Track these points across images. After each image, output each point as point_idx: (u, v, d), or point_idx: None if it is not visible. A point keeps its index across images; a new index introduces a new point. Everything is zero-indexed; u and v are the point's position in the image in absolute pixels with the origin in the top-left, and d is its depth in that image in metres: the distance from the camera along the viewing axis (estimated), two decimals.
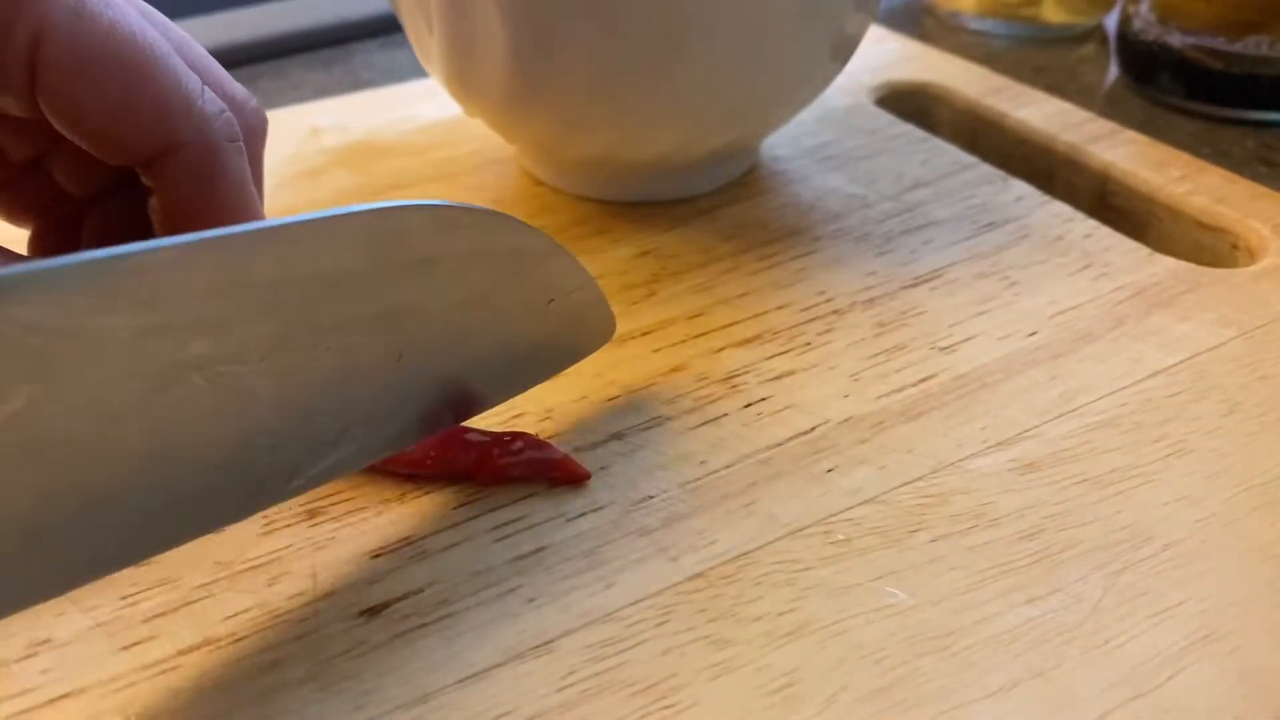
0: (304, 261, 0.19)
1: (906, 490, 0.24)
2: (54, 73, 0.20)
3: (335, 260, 0.20)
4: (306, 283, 0.19)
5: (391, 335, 0.21)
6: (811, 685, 0.20)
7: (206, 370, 0.18)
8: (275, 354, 0.19)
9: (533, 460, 0.24)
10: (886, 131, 0.39)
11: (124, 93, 0.21)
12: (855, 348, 0.28)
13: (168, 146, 0.21)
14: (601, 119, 0.31)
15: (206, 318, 0.18)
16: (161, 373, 0.18)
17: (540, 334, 0.24)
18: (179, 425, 0.18)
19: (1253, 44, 0.40)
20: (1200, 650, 0.20)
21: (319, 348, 0.20)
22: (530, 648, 0.21)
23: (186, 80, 0.22)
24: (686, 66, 0.29)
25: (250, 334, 0.19)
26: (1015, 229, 0.33)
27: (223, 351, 0.18)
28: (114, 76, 0.21)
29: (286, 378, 0.20)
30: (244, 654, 0.21)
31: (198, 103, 0.22)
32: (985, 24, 0.52)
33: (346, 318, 0.20)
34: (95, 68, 0.20)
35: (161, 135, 0.21)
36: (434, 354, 0.22)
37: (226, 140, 0.22)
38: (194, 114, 0.21)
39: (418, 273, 0.21)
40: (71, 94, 0.21)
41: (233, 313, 0.18)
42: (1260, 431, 0.25)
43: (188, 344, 0.18)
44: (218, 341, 0.18)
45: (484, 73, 0.31)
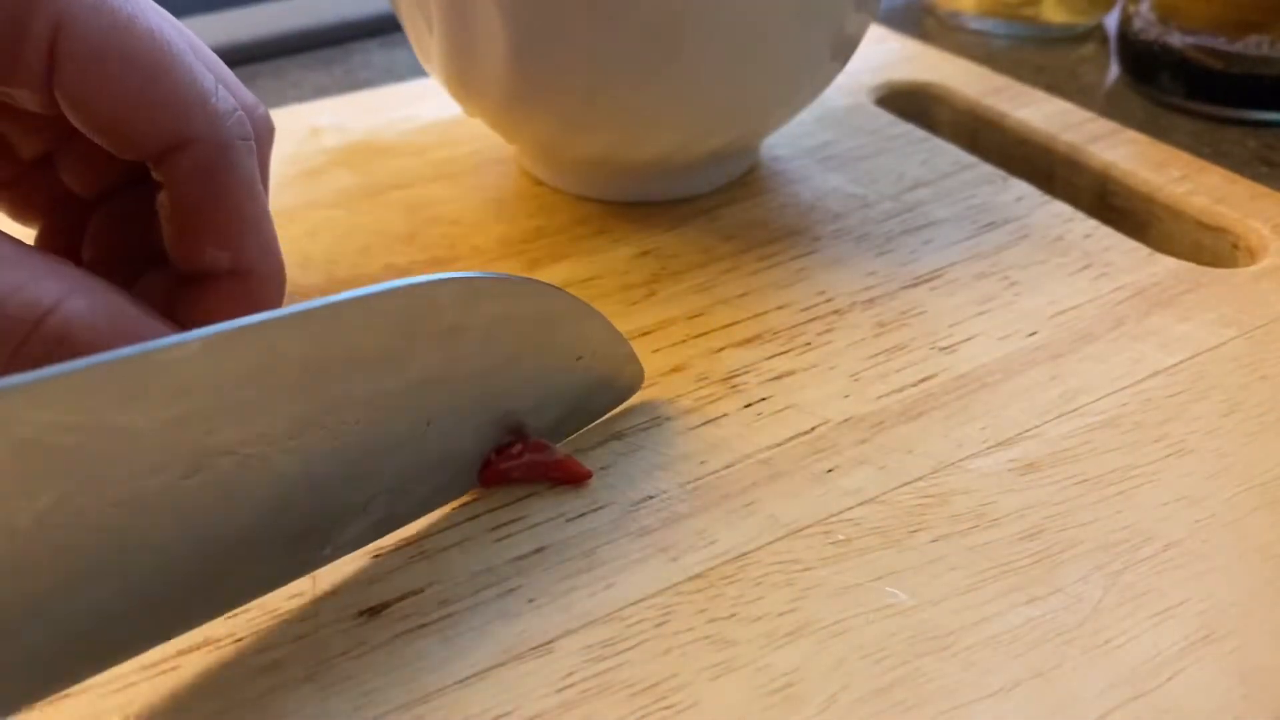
0: (331, 343, 0.19)
1: (906, 490, 0.24)
2: (72, 64, 0.21)
3: (362, 339, 0.20)
4: (331, 365, 0.19)
5: (419, 406, 0.21)
6: (811, 685, 0.20)
7: (233, 455, 0.19)
8: (301, 434, 0.20)
9: (533, 463, 0.24)
10: (886, 131, 0.39)
11: (140, 86, 0.21)
12: (855, 348, 0.28)
13: (181, 141, 0.22)
14: (601, 119, 0.31)
15: (231, 405, 0.18)
16: (188, 460, 0.18)
17: (569, 391, 0.25)
18: (208, 507, 0.19)
19: (1253, 44, 0.40)
20: (1200, 650, 0.20)
21: (346, 424, 0.20)
22: (530, 648, 0.21)
23: (201, 77, 0.22)
24: (686, 66, 0.29)
25: (278, 416, 0.19)
26: (1015, 229, 0.33)
27: (250, 434, 0.19)
28: (131, 69, 0.21)
29: (313, 456, 0.20)
30: (244, 654, 0.21)
31: (211, 100, 0.22)
32: (985, 24, 0.52)
33: (373, 393, 0.20)
34: (113, 60, 0.21)
35: (175, 130, 0.21)
36: (463, 419, 0.22)
37: (238, 138, 0.22)
38: (208, 110, 0.22)
39: (443, 345, 0.21)
40: (88, 86, 0.21)
41: (260, 398, 0.19)
42: (1260, 431, 0.25)
43: (216, 431, 0.18)
44: (245, 426, 0.19)
45: (484, 73, 0.31)
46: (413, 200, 0.36)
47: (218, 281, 0.22)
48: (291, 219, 0.35)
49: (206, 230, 0.22)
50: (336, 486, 0.21)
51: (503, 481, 0.24)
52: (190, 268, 0.22)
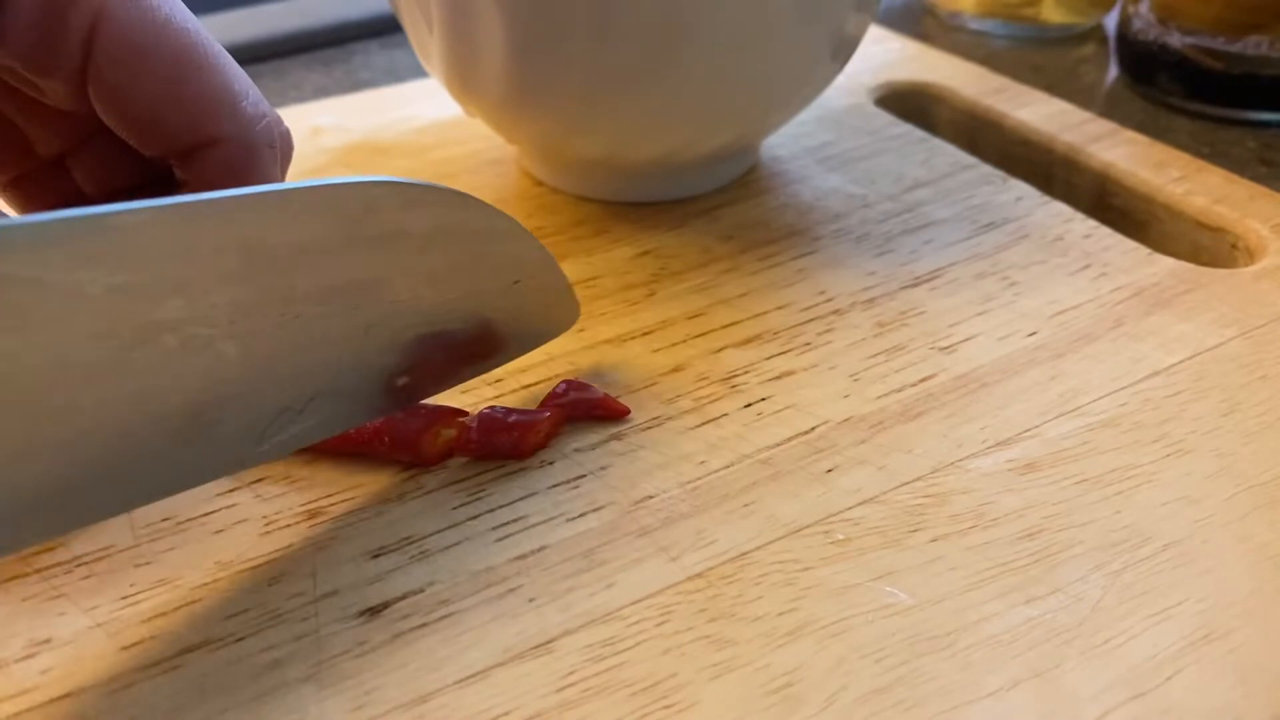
0: (274, 230, 0.20)
1: (906, 490, 0.24)
2: (107, 57, 0.21)
3: (303, 230, 0.20)
4: (276, 251, 0.20)
5: (359, 307, 0.22)
6: (811, 685, 0.20)
7: (177, 331, 0.19)
8: (245, 319, 0.20)
9: (578, 400, 0.26)
10: (886, 131, 0.39)
11: (174, 83, 0.21)
12: (855, 348, 0.28)
13: (209, 139, 0.22)
14: (601, 119, 0.31)
15: (178, 279, 0.19)
16: (134, 330, 0.18)
17: (506, 314, 0.25)
18: (149, 382, 0.19)
19: (1252, 44, 0.40)
20: (1200, 650, 0.20)
21: (287, 315, 0.21)
22: (530, 648, 0.21)
23: (234, 79, 0.22)
24: (686, 67, 0.29)
25: (220, 298, 0.19)
26: (1015, 229, 0.33)
27: (193, 313, 0.19)
28: (166, 65, 0.21)
29: (255, 342, 0.20)
30: (244, 654, 0.21)
31: (242, 102, 0.22)
32: (985, 24, 0.52)
33: (315, 287, 0.21)
34: (149, 55, 0.21)
35: (205, 128, 0.22)
36: (401, 327, 0.23)
37: (265, 143, 0.23)
38: (238, 112, 0.22)
39: (384, 247, 0.22)
40: (123, 80, 0.21)
41: (203, 276, 0.19)
42: (1260, 431, 0.25)
43: (159, 304, 0.18)
44: (188, 303, 0.19)
45: (484, 73, 0.31)
46: None
47: None
48: None
49: None
50: (275, 378, 0.21)
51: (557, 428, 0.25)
52: None
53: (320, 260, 0.21)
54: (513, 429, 0.25)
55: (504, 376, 0.28)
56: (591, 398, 0.26)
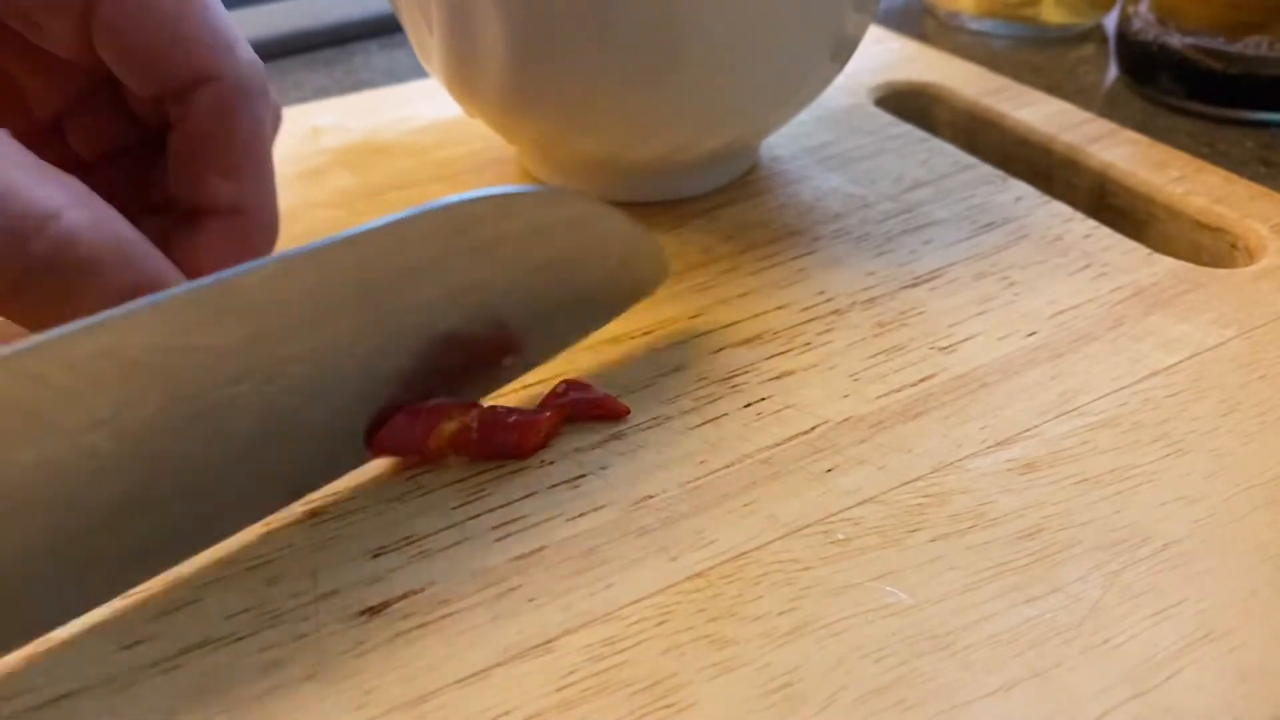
0: (378, 261, 0.22)
1: (906, 490, 0.24)
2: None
3: (407, 254, 0.22)
4: (383, 277, 0.22)
5: (465, 306, 0.24)
6: (811, 685, 0.20)
7: (305, 361, 0.22)
8: (363, 339, 0.22)
9: (578, 400, 0.26)
10: (886, 132, 0.39)
11: (175, 19, 0.23)
12: (855, 348, 0.28)
13: (205, 76, 0.23)
14: (601, 119, 0.31)
15: (299, 319, 0.21)
16: (266, 369, 0.21)
17: (603, 284, 0.27)
18: (285, 407, 0.22)
19: (1252, 44, 0.40)
20: (1200, 650, 0.20)
21: (401, 329, 0.23)
22: (530, 647, 0.21)
23: (228, 24, 0.23)
24: (686, 67, 0.29)
25: (340, 326, 0.22)
26: (1014, 229, 0.33)
27: (318, 343, 0.22)
28: (166, 4, 0.23)
29: (376, 356, 0.23)
30: (243, 654, 0.21)
31: (236, 45, 0.23)
32: (985, 25, 0.52)
33: (423, 300, 0.23)
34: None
35: (202, 65, 0.23)
36: (505, 316, 0.25)
37: (257, 86, 0.24)
38: (234, 53, 0.23)
39: (484, 252, 0.23)
40: (126, 15, 0.22)
41: (322, 312, 0.21)
42: (1260, 431, 0.25)
43: (286, 342, 0.21)
44: (312, 336, 0.21)
45: (484, 73, 0.31)
46: (413, 201, 0.36)
47: (213, 220, 0.24)
48: (292, 219, 0.35)
49: (214, 161, 0.23)
50: (400, 384, 0.24)
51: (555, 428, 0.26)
52: (191, 199, 0.24)
53: (422, 277, 0.23)
54: (513, 429, 0.25)
55: None
56: (591, 397, 0.26)
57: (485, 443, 0.25)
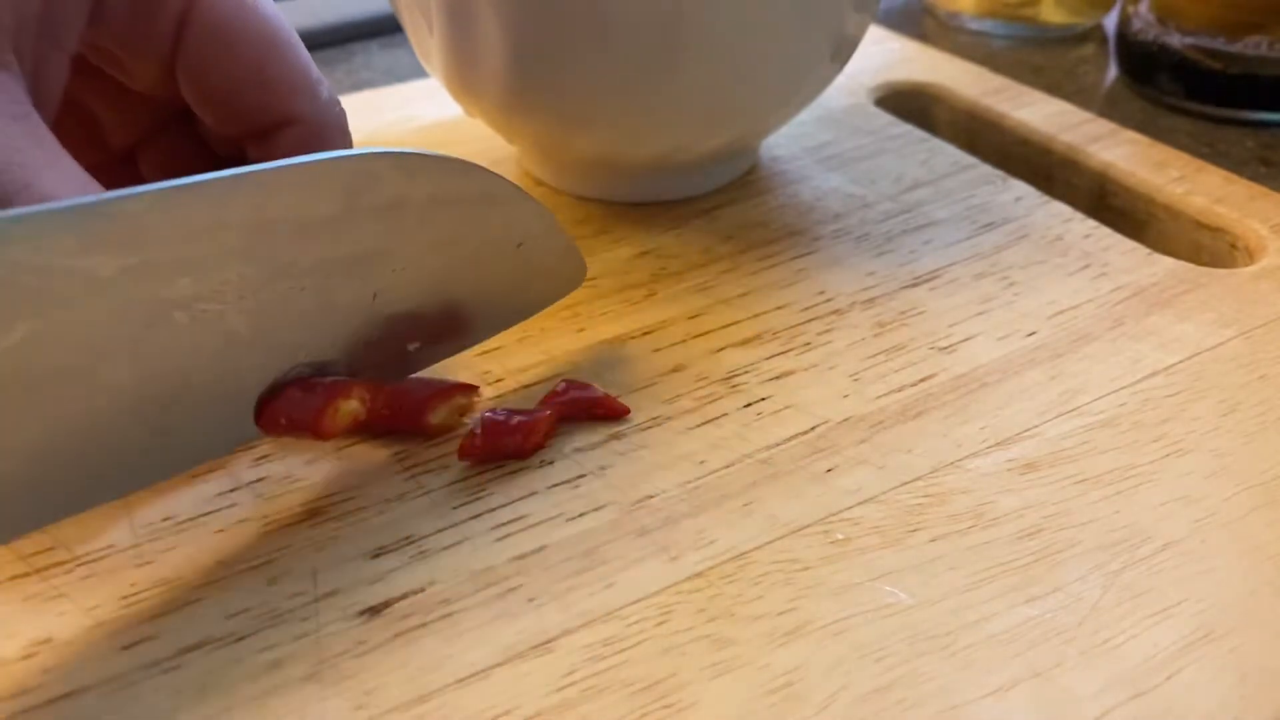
0: (278, 206, 0.20)
1: (906, 490, 0.24)
2: (199, 37, 0.22)
3: (307, 205, 0.21)
4: (281, 226, 0.20)
5: (365, 276, 0.22)
6: (811, 685, 0.20)
7: (189, 309, 0.20)
8: (255, 294, 0.21)
9: (577, 399, 0.26)
10: (886, 132, 0.39)
11: (259, 63, 0.23)
12: (855, 348, 0.28)
13: (287, 118, 0.23)
14: (601, 119, 0.31)
15: (187, 258, 0.19)
16: (147, 310, 0.19)
17: (511, 276, 0.26)
18: (165, 360, 0.20)
19: (1252, 44, 0.40)
20: (1200, 650, 0.20)
21: (294, 288, 0.21)
22: (530, 647, 0.21)
23: (310, 66, 0.24)
24: (686, 67, 0.29)
25: (230, 274, 0.20)
26: (1014, 229, 0.33)
27: (204, 290, 0.20)
28: (252, 46, 0.23)
29: (265, 316, 0.21)
30: (244, 654, 0.21)
31: (318, 87, 0.24)
32: (985, 24, 0.52)
33: (321, 260, 0.21)
34: (236, 35, 0.23)
35: (284, 107, 0.23)
36: (408, 294, 0.23)
37: (339, 128, 0.24)
38: (315, 95, 0.23)
39: (387, 216, 0.22)
40: (211, 58, 0.23)
41: (212, 254, 0.20)
42: (1259, 431, 0.25)
43: (171, 283, 0.19)
44: (198, 281, 0.20)
45: (484, 73, 0.31)
46: None
47: None
48: None
49: None
50: (288, 349, 0.22)
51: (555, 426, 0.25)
52: None
53: (323, 234, 0.21)
54: (516, 430, 0.25)
55: (504, 376, 0.28)
56: (592, 397, 0.26)
57: (490, 447, 0.24)
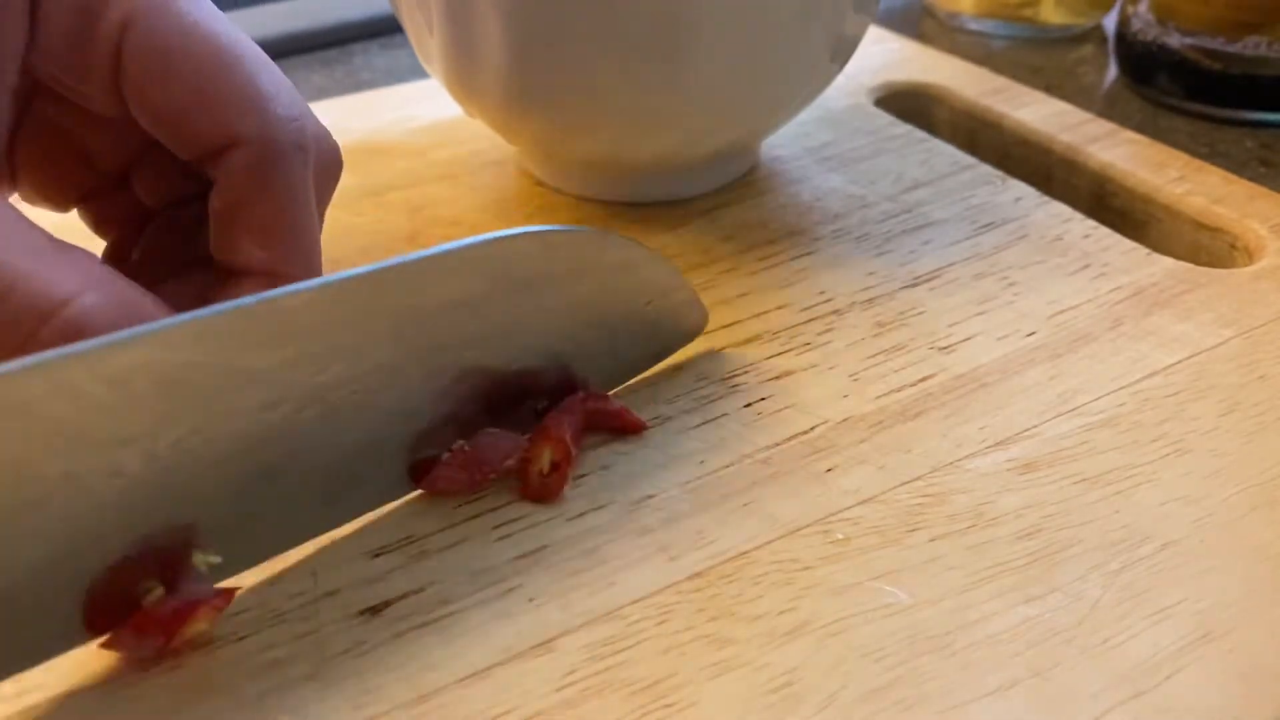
0: (424, 293, 0.22)
1: (905, 490, 0.24)
2: (135, 60, 0.22)
3: (451, 289, 0.22)
4: (424, 310, 0.22)
5: (505, 348, 0.24)
6: (811, 684, 0.20)
7: (342, 390, 0.21)
8: (401, 372, 0.22)
9: (593, 410, 0.25)
10: (886, 132, 0.39)
11: (198, 84, 0.22)
12: (855, 348, 0.28)
13: (234, 140, 0.23)
14: (601, 119, 0.31)
15: (339, 347, 0.21)
16: (302, 396, 0.21)
17: (639, 331, 0.27)
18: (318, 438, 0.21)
19: (1251, 45, 0.40)
20: (1199, 649, 0.20)
21: (434, 368, 0.23)
22: (530, 647, 0.21)
23: (259, 82, 0.23)
24: (686, 68, 0.29)
25: (379, 358, 0.21)
26: (1014, 229, 0.33)
27: (356, 373, 0.21)
28: (191, 67, 0.22)
29: (412, 392, 0.22)
30: (244, 654, 0.21)
31: (268, 104, 0.23)
32: (984, 25, 0.52)
33: (465, 336, 0.23)
34: (174, 58, 0.22)
35: (228, 128, 0.22)
36: (539, 358, 0.25)
37: (291, 145, 0.23)
38: (261, 113, 0.23)
39: (527, 290, 0.23)
40: (150, 81, 0.22)
41: (362, 341, 0.21)
42: (1259, 431, 0.25)
43: (324, 370, 0.21)
44: (350, 366, 0.21)
45: (484, 74, 0.31)
46: (414, 201, 0.36)
47: (250, 281, 0.23)
48: None
49: (246, 227, 0.23)
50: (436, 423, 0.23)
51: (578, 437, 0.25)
52: (227, 263, 0.23)
53: (463, 313, 0.22)
54: (553, 471, 0.24)
55: None
56: (609, 409, 0.25)
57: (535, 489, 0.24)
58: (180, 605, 0.20)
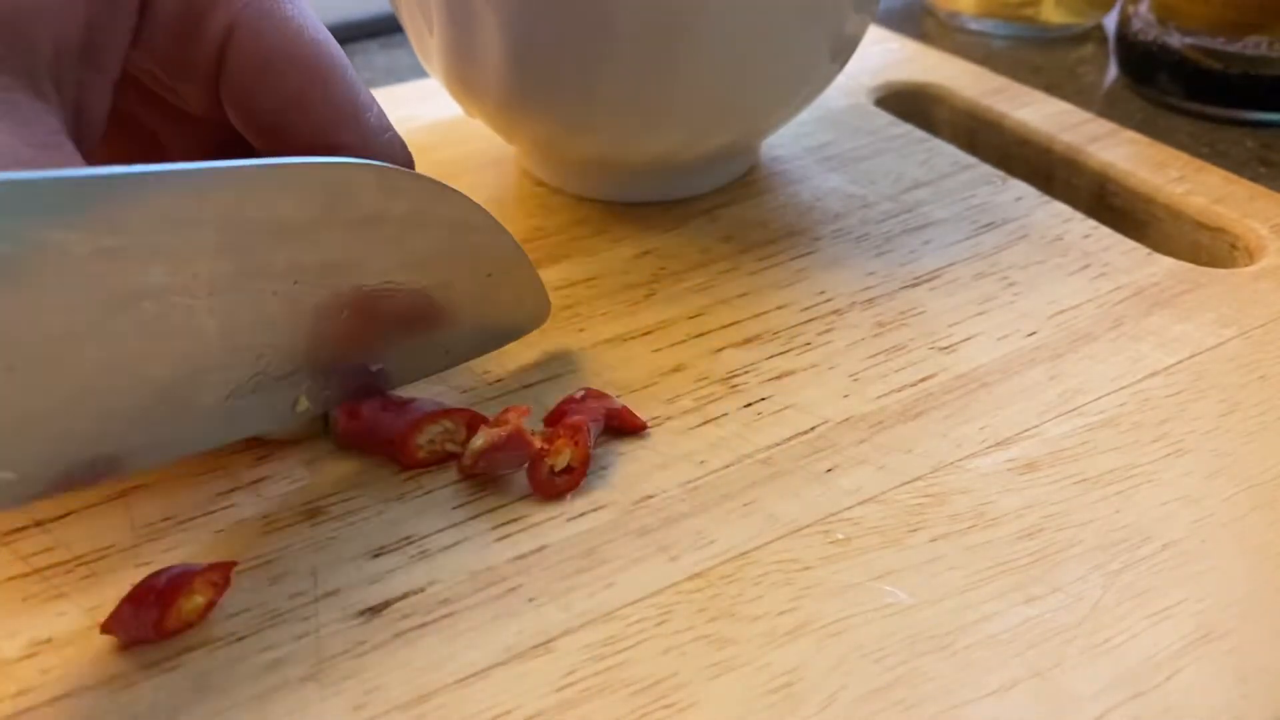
0: (257, 203, 0.20)
1: (906, 490, 0.24)
2: (239, 63, 0.22)
3: (286, 206, 0.21)
4: (254, 226, 0.20)
5: (336, 288, 0.22)
6: (811, 684, 0.20)
7: (159, 299, 0.19)
8: (225, 292, 0.20)
9: (595, 409, 0.25)
10: (886, 132, 0.39)
11: (301, 90, 0.22)
12: (855, 348, 0.28)
13: (332, 148, 0.23)
14: (601, 119, 0.31)
15: (162, 247, 0.19)
16: (116, 295, 0.19)
17: (478, 306, 0.26)
18: (129, 347, 0.19)
19: (1252, 44, 0.40)
20: (1199, 650, 0.20)
21: (265, 291, 0.21)
22: (530, 647, 0.21)
23: (359, 93, 0.23)
24: (686, 68, 0.29)
25: (202, 269, 0.20)
26: (1014, 229, 0.33)
27: (174, 282, 0.20)
28: (294, 73, 0.22)
29: (234, 316, 0.21)
30: (244, 654, 0.21)
31: (366, 114, 0.23)
32: (985, 24, 0.52)
33: (292, 265, 0.21)
34: (277, 62, 0.22)
35: (328, 135, 0.23)
36: (376, 311, 0.23)
37: (384, 157, 0.23)
38: (360, 123, 0.23)
39: (362, 230, 0.22)
40: (252, 85, 0.22)
41: (187, 246, 0.19)
42: (1259, 431, 0.25)
43: (143, 270, 0.19)
44: (169, 272, 0.19)
45: (484, 73, 0.31)
46: None
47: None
48: None
49: None
50: (253, 353, 0.22)
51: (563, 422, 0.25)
52: None
53: (299, 239, 0.21)
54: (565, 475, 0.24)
55: (504, 376, 0.28)
56: (611, 408, 0.25)
57: (544, 485, 0.24)
58: (176, 575, 0.21)
